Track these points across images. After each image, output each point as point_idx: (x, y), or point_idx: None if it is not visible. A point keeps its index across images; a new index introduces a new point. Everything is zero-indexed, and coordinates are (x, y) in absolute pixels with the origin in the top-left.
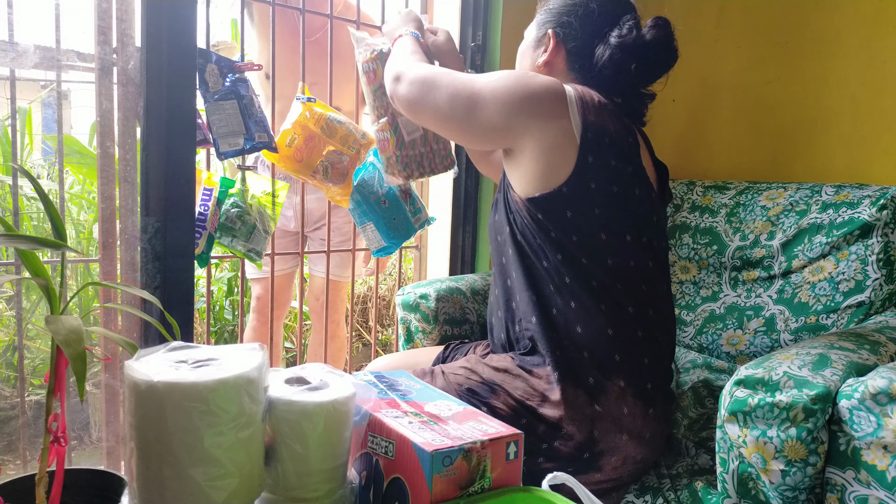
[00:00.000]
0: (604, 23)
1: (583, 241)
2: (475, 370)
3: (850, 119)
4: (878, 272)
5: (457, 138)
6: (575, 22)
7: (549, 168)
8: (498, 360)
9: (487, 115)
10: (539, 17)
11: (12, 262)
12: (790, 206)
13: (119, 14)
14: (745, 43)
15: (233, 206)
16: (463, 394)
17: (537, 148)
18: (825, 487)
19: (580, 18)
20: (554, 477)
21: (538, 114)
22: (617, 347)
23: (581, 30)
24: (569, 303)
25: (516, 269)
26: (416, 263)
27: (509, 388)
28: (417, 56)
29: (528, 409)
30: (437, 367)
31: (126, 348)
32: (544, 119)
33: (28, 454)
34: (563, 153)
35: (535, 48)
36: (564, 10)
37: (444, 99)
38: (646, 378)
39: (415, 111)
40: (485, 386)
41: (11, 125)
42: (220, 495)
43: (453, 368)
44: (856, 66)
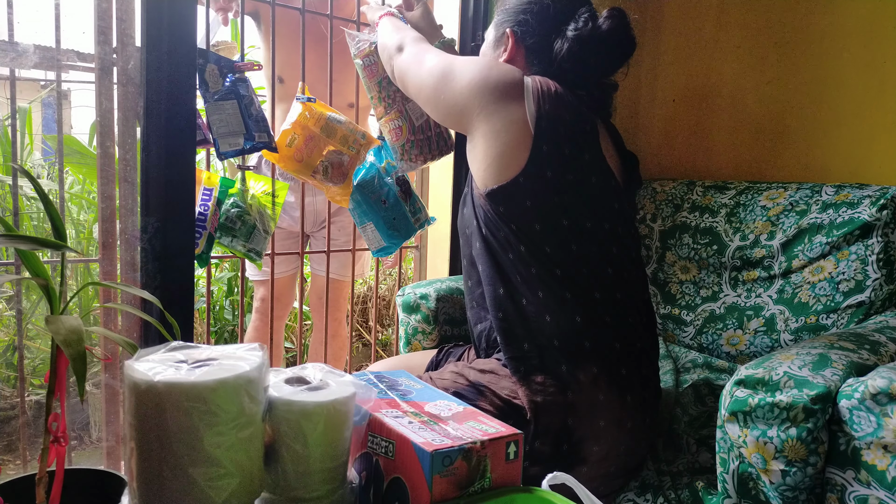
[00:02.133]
0: (560, 17)
1: (544, 230)
2: (462, 374)
3: (850, 119)
4: (878, 272)
5: (430, 112)
6: (531, 19)
7: (504, 156)
8: (484, 363)
9: (452, 92)
10: (497, 17)
11: (12, 262)
12: (790, 206)
13: (119, 14)
14: (745, 43)
15: (233, 206)
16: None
17: (490, 133)
18: (825, 487)
19: (536, 15)
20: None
21: (494, 99)
22: (587, 334)
23: (538, 26)
24: (536, 293)
25: (484, 263)
26: (416, 263)
27: (495, 389)
28: (408, 31)
29: (514, 408)
30: (425, 375)
31: (126, 348)
32: (498, 104)
33: (28, 454)
34: (518, 141)
35: (495, 48)
36: (520, 8)
37: (426, 70)
38: (619, 363)
39: (403, 80)
40: (472, 388)
41: (11, 125)
42: (220, 495)
43: (442, 374)
44: (856, 66)
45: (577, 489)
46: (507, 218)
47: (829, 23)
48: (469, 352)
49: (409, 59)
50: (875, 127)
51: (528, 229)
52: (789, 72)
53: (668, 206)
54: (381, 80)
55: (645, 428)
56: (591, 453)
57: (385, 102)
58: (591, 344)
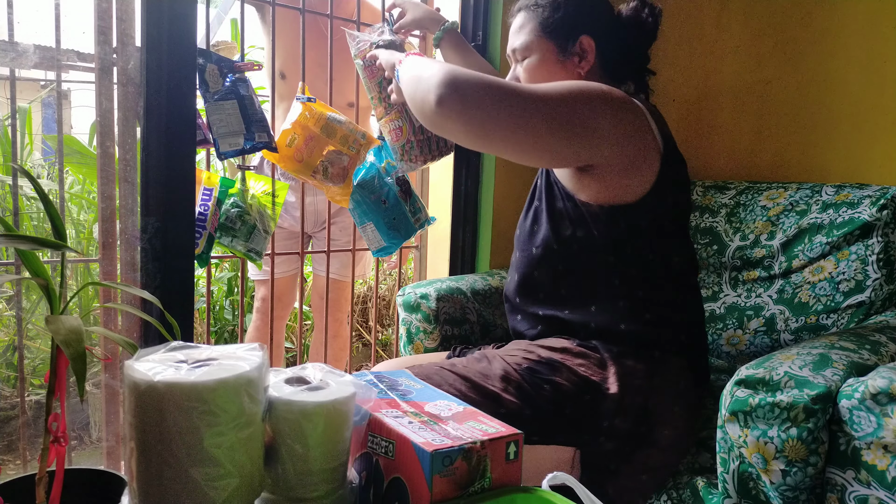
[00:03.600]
0: (610, 10)
1: (663, 235)
2: (532, 350)
3: (850, 119)
4: (879, 272)
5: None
6: (604, 22)
7: (633, 171)
8: (553, 342)
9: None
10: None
11: (12, 262)
12: (790, 206)
13: (119, 14)
14: (745, 43)
15: (233, 206)
16: (523, 373)
17: (621, 150)
18: (825, 487)
19: (606, 18)
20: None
21: (623, 117)
22: (688, 328)
23: (608, 26)
24: (649, 290)
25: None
26: (416, 263)
27: (571, 365)
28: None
29: (591, 385)
30: (490, 352)
31: (126, 348)
32: (629, 120)
33: (28, 454)
34: (649, 156)
35: (563, 56)
36: (588, 9)
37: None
38: (704, 356)
39: (479, 122)
40: (545, 364)
41: (11, 125)
42: (220, 495)
43: (508, 351)
44: (856, 66)
45: (577, 489)
46: (630, 225)
47: (829, 23)
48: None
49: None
50: (875, 127)
51: (651, 232)
52: (789, 72)
53: None
54: (381, 81)
55: (699, 421)
56: (662, 437)
57: (385, 103)
58: (687, 338)
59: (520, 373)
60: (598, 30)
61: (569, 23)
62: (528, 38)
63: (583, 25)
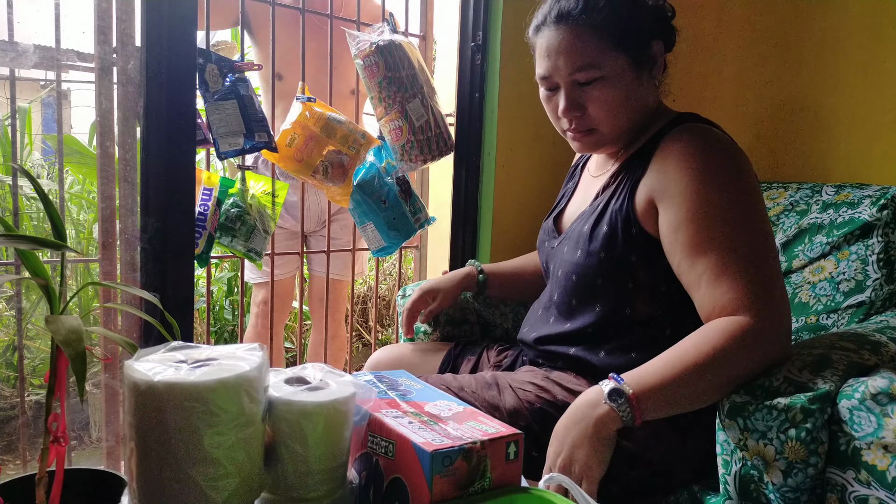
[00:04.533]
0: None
1: None
2: (546, 389)
3: (850, 119)
4: (879, 272)
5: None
6: (659, 16)
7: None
8: (570, 381)
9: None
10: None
11: (12, 262)
12: (790, 205)
13: (119, 14)
14: (745, 43)
15: (233, 206)
16: (535, 415)
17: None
18: (825, 488)
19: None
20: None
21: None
22: None
23: (664, 24)
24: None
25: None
26: (416, 263)
27: None
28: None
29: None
30: (501, 379)
31: (126, 348)
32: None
33: (28, 454)
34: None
35: (637, 71)
36: (651, 7)
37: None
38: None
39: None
40: (560, 408)
41: (11, 125)
42: (220, 495)
43: (520, 383)
44: (856, 66)
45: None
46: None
47: (829, 23)
48: (487, 352)
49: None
50: (875, 127)
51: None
52: (789, 72)
53: None
54: (381, 81)
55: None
56: (678, 480)
57: (385, 103)
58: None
59: (531, 413)
60: (661, 29)
61: (639, 27)
62: (594, 55)
63: (650, 27)
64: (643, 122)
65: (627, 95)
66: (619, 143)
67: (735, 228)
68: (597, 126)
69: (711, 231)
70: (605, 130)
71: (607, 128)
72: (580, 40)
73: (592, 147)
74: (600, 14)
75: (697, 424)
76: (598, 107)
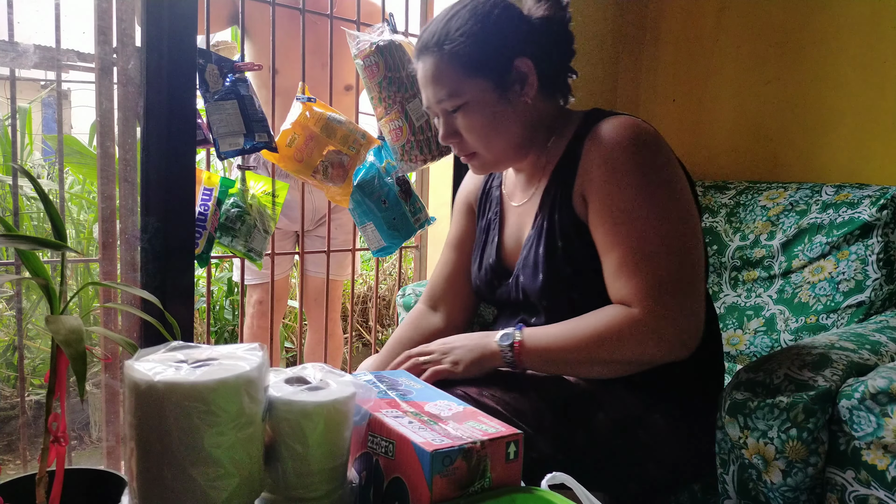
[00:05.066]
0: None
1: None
2: (566, 381)
3: (850, 119)
4: (879, 272)
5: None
6: (524, 30)
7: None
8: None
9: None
10: (470, 61)
11: (12, 262)
12: (790, 206)
13: (119, 14)
14: (745, 43)
15: (233, 206)
16: (559, 411)
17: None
18: (825, 488)
19: (522, 25)
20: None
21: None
22: (717, 368)
23: (533, 36)
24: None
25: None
26: (416, 263)
27: (607, 408)
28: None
29: (626, 432)
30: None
31: (126, 348)
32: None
33: (28, 454)
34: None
35: (502, 93)
36: (509, 25)
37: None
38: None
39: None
40: (581, 402)
41: (11, 125)
42: (220, 495)
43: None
44: (856, 66)
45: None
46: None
47: (829, 23)
48: None
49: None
50: (875, 127)
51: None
52: (789, 72)
53: None
54: (381, 81)
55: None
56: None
57: (385, 103)
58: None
59: (554, 412)
60: (528, 45)
61: (496, 49)
62: (453, 84)
63: (512, 47)
64: (531, 138)
65: (495, 118)
66: (505, 161)
67: (640, 227)
68: (475, 150)
69: (618, 229)
70: (483, 153)
71: (484, 150)
72: (439, 71)
73: (483, 169)
74: (454, 44)
75: (704, 414)
76: (468, 132)
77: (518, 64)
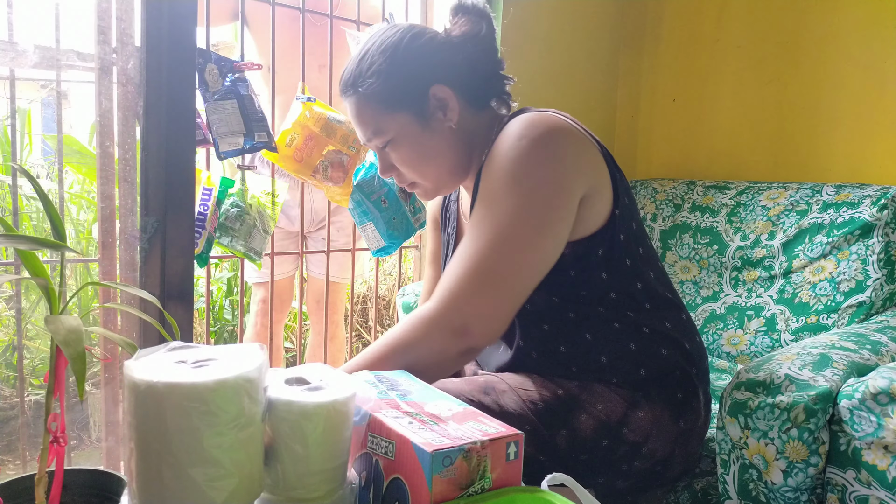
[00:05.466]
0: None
1: (642, 259)
2: (546, 385)
3: (850, 119)
4: (879, 272)
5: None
6: (438, 56)
7: (602, 201)
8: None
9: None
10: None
11: (12, 262)
12: (791, 205)
13: (119, 14)
14: (745, 43)
15: (232, 206)
16: (541, 413)
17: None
18: (826, 488)
19: (436, 50)
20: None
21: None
22: (694, 359)
23: (448, 59)
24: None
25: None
26: (416, 263)
27: (590, 408)
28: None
29: (611, 431)
30: (498, 383)
31: (126, 348)
32: (590, 153)
33: (28, 454)
34: (603, 179)
35: (425, 122)
36: (420, 55)
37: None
38: (708, 382)
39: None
40: (564, 402)
41: (11, 125)
42: (219, 495)
43: (521, 384)
44: (856, 66)
45: (577, 490)
46: (613, 257)
47: (829, 23)
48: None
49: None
50: (875, 127)
51: (632, 262)
52: (789, 72)
53: (668, 206)
54: None
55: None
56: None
57: None
58: (698, 369)
59: (536, 414)
60: (443, 69)
61: (409, 82)
62: (375, 122)
63: (425, 76)
64: (466, 156)
65: (423, 147)
66: (446, 186)
67: (486, 221)
68: (413, 180)
69: (473, 218)
70: (421, 182)
71: (421, 180)
72: (360, 111)
73: (427, 196)
74: (367, 84)
75: (689, 406)
76: (402, 165)
77: (434, 91)
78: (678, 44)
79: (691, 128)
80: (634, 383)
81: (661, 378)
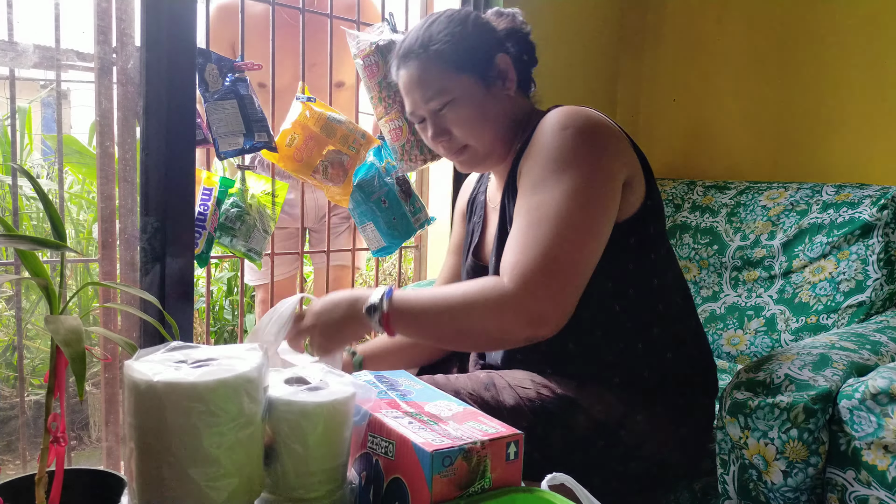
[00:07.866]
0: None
1: (664, 259)
2: (546, 384)
3: (850, 119)
4: (879, 272)
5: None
6: (498, 34)
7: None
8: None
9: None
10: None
11: (12, 262)
12: (791, 205)
13: (119, 14)
14: (745, 43)
15: (232, 206)
16: (536, 411)
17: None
18: (826, 488)
19: (494, 30)
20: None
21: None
22: (700, 366)
23: (505, 39)
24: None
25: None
26: (416, 263)
27: (587, 408)
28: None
29: (607, 432)
30: (498, 379)
31: (126, 348)
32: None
33: (28, 454)
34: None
35: (487, 87)
36: (486, 29)
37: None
38: (716, 392)
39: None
40: (559, 402)
41: (11, 125)
42: (219, 495)
43: (518, 381)
44: (856, 66)
45: (577, 490)
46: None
47: (829, 22)
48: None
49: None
50: (875, 127)
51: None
52: (789, 72)
53: (668, 206)
54: (380, 80)
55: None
56: (674, 469)
57: (385, 102)
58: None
59: (532, 411)
60: (504, 44)
61: (478, 47)
62: (440, 82)
63: (492, 45)
64: (513, 132)
65: (483, 110)
66: (494, 155)
67: (542, 202)
68: (466, 143)
69: (523, 201)
70: (474, 145)
71: (475, 142)
72: (426, 72)
73: (472, 163)
74: (438, 45)
75: (689, 412)
76: (458, 127)
77: (499, 60)
78: (678, 44)
79: (691, 128)
80: (636, 385)
81: (664, 382)
